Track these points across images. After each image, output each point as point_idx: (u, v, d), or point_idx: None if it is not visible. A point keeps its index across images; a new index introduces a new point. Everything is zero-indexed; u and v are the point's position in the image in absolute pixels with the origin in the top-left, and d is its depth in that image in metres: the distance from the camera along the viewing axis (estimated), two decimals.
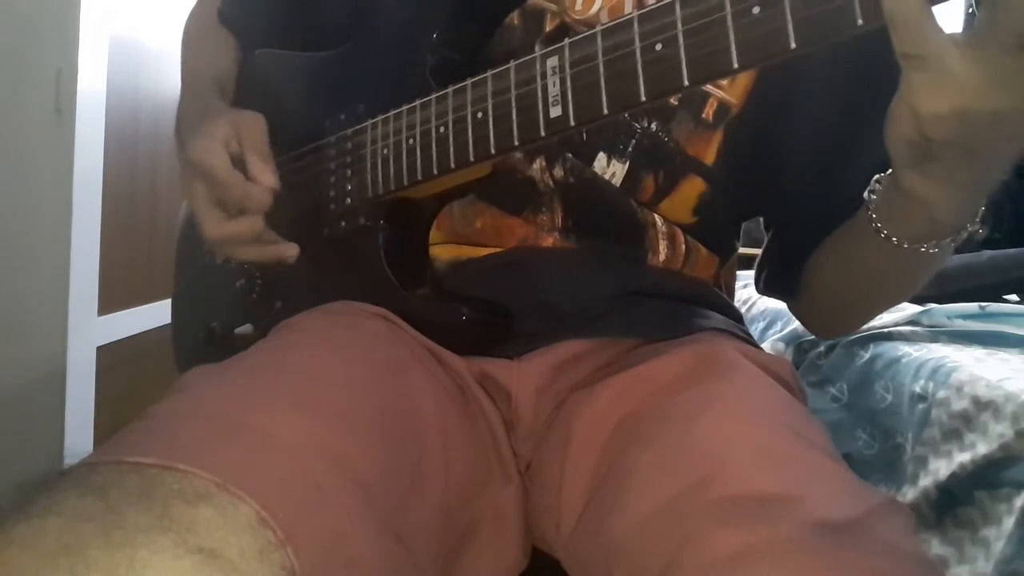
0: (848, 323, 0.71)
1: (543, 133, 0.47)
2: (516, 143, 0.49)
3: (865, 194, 0.51)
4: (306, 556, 0.34)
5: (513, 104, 0.49)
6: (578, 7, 0.61)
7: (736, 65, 0.39)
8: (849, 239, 0.57)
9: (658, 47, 0.42)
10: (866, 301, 0.64)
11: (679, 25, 0.40)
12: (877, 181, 0.50)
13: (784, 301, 0.72)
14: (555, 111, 0.47)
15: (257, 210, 0.62)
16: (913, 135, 0.38)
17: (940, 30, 0.34)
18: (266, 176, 0.61)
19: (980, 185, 0.43)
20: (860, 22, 0.35)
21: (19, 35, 1.38)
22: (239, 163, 0.62)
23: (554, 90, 0.47)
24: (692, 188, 0.63)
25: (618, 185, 0.62)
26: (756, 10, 0.38)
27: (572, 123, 0.46)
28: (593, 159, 0.62)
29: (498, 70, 0.50)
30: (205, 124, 0.63)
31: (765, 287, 0.71)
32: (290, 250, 0.64)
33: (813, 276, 0.64)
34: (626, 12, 0.59)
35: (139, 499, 0.32)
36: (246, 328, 0.74)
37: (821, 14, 0.36)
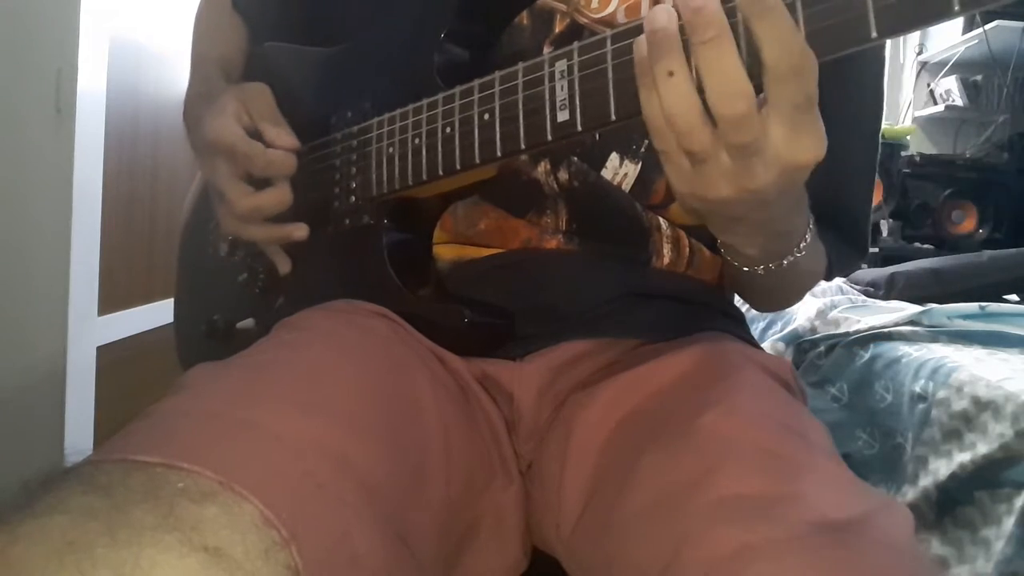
0: (760, 308, 0.77)
1: (550, 137, 0.47)
2: (522, 146, 0.49)
3: None
4: (310, 555, 0.34)
5: (520, 107, 0.48)
6: (594, 5, 0.61)
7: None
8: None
9: None
10: (751, 299, 0.71)
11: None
12: None
13: None
14: (562, 115, 0.46)
15: (283, 174, 0.62)
16: (681, 205, 0.45)
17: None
18: (284, 139, 0.62)
19: (768, 232, 0.48)
20: (875, 35, 0.36)
21: (19, 35, 1.38)
22: (253, 135, 0.62)
23: (562, 94, 0.46)
24: None
25: (629, 186, 0.62)
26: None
27: (579, 128, 0.45)
28: (605, 159, 0.62)
29: (505, 71, 0.50)
30: (213, 104, 0.63)
31: None
32: (298, 230, 0.64)
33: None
34: (643, 10, 0.60)
35: (144, 497, 0.32)
36: (248, 322, 0.74)
37: (832, 26, 0.37)
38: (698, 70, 0.37)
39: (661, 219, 0.63)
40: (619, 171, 0.62)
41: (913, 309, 1.32)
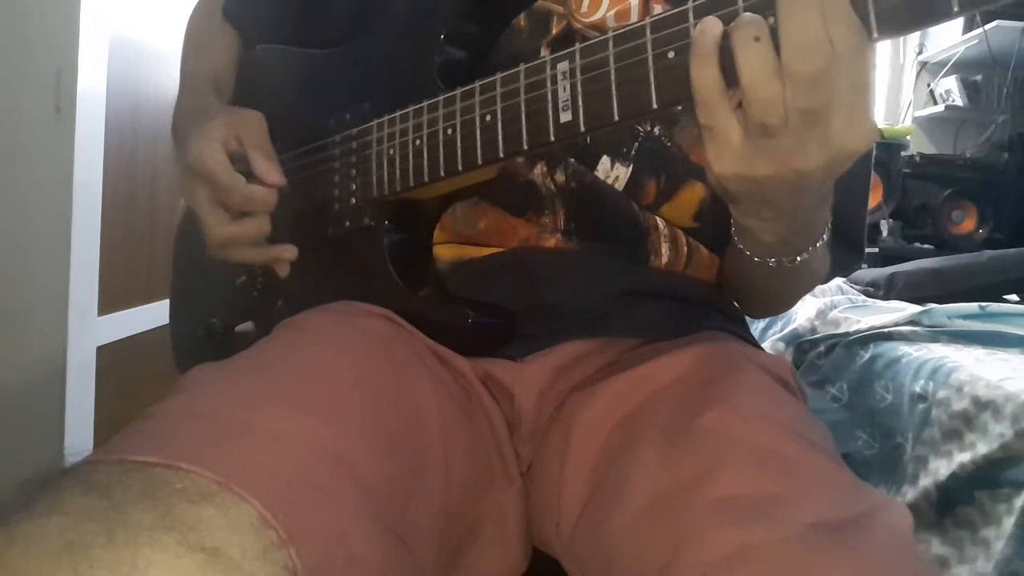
0: (760, 312, 0.76)
1: (553, 138, 0.47)
2: (525, 147, 0.49)
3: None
4: (308, 556, 0.34)
5: (522, 108, 0.48)
6: (584, 9, 0.61)
7: None
8: (729, 251, 0.61)
9: (671, 55, 0.42)
10: (750, 299, 0.70)
11: (692, 33, 0.40)
12: None
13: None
14: (565, 116, 0.46)
15: (262, 211, 0.62)
16: (715, 184, 0.45)
17: (730, 110, 0.40)
18: (271, 174, 0.61)
19: (791, 221, 0.49)
20: (876, 35, 0.36)
21: (19, 35, 1.38)
22: (240, 161, 0.61)
23: (564, 95, 0.46)
24: (693, 194, 0.63)
25: (621, 188, 0.62)
26: (771, 21, 0.38)
27: (582, 128, 0.46)
28: (597, 162, 0.62)
29: (507, 73, 0.50)
30: (202, 125, 0.62)
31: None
32: (287, 252, 0.64)
33: (725, 271, 0.67)
34: (632, 15, 0.60)
35: (142, 498, 0.32)
36: (247, 325, 0.74)
37: None
38: (778, 22, 0.37)
39: (659, 219, 0.63)
40: (611, 173, 0.62)
41: (913, 309, 1.32)
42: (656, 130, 0.61)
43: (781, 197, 0.44)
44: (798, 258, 0.52)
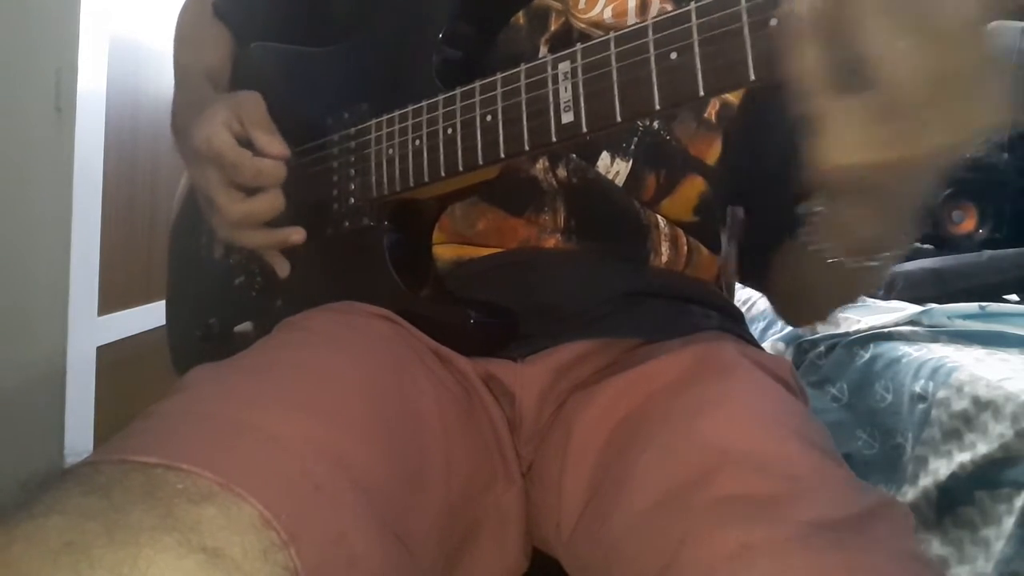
0: (807, 319, 0.73)
1: (554, 139, 0.47)
2: (527, 148, 0.49)
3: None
4: (308, 556, 0.34)
5: (524, 108, 0.48)
6: (581, 6, 0.61)
7: (753, 77, 0.38)
8: (792, 251, 0.58)
9: (673, 56, 0.41)
10: (812, 303, 0.66)
11: (695, 34, 0.40)
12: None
13: (760, 292, 0.74)
14: (567, 116, 0.46)
15: (273, 183, 0.61)
16: (820, 180, 0.41)
17: (845, 92, 0.35)
18: (275, 147, 0.61)
19: (890, 215, 0.45)
20: None
21: (19, 35, 1.38)
22: (244, 143, 0.61)
23: (566, 95, 0.46)
24: (693, 188, 0.63)
25: (622, 184, 0.62)
26: (774, 22, 0.37)
27: (584, 129, 0.46)
28: (597, 157, 0.62)
29: (507, 73, 0.50)
30: (203, 112, 0.62)
31: (743, 277, 0.73)
32: (296, 234, 0.63)
33: (774, 274, 0.64)
34: (629, 13, 0.60)
35: (143, 498, 0.32)
36: (246, 326, 0.74)
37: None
38: None
39: (659, 217, 0.63)
40: (611, 169, 0.62)
41: (913, 309, 1.33)
42: (655, 124, 0.62)
43: (898, 184, 0.40)
44: (879, 258, 0.48)
